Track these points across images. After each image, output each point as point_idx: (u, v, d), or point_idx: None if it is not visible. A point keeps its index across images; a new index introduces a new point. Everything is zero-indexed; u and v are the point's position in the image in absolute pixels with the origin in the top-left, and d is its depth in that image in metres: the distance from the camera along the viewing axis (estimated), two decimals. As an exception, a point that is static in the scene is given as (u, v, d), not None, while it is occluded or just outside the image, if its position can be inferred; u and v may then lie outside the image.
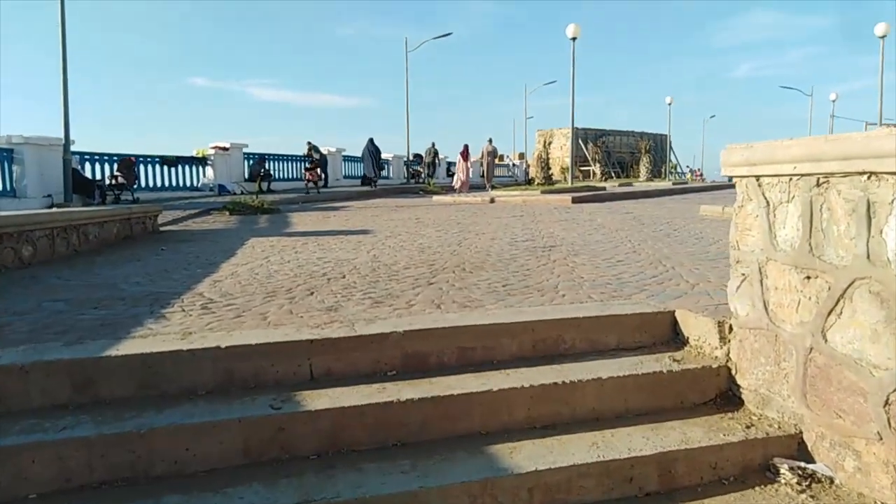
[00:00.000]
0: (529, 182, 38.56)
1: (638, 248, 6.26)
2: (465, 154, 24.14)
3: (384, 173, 31.78)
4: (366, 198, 20.81)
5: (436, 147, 34.30)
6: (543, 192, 16.26)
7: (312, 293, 4.18)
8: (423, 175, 33.39)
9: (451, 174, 37.91)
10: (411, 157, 33.24)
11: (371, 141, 26.82)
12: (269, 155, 22.28)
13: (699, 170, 60.86)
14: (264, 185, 20.05)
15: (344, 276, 4.85)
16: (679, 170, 62.49)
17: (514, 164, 46.04)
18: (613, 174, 55.11)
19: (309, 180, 20.35)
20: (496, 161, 31.56)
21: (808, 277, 2.76)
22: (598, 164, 31.92)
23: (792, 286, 2.85)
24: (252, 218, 11.84)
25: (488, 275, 4.82)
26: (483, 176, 25.47)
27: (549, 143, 18.60)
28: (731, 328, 3.22)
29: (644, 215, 10.48)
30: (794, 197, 2.85)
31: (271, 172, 21.15)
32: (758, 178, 3.05)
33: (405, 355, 3.10)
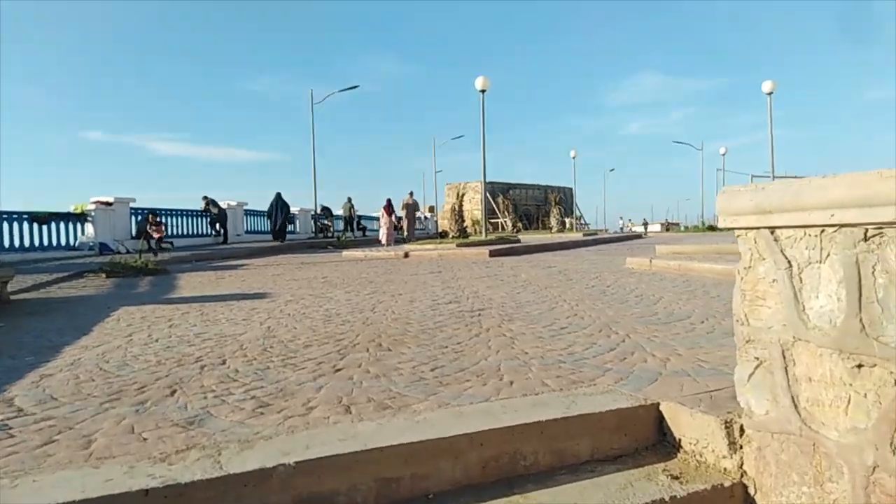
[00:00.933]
0: (441, 235, 38.20)
1: (577, 310, 5.50)
2: (389, 208, 24.46)
3: (291, 228, 30.42)
4: (270, 254, 19.42)
5: (352, 202, 33.71)
6: (459, 246, 15.57)
7: (174, 392, 3.07)
8: (332, 229, 32.31)
9: (360, 228, 37.11)
10: (319, 211, 32.07)
11: (279, 195, 25.71)
12: (162, 210, 20.51)
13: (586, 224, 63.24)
14: (154, 243, 18.25)
15: (224, 362, 3.75)
16: (583, 221, 64.70)
17: (425, 217, 45.75)
18: (521, 226, 56.07)
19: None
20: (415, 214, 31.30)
21: (861, 366, 1.99)
22: (508, 217, 31.82)
23: (835, 377, 2.08)
24: (132, 281, 10.34)
25: (412, 353, 3.87)
26: (398, 229, 24.82)
27: (463, 195, 18.14)
28: (742, 430, 2.42)
29: (569, 269, 9.90)
30: (829, 255, 2.11)
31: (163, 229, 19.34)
32: (773, 229, 2.31)
33: (299, 501, 2.07)
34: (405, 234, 25.23)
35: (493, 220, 55.77)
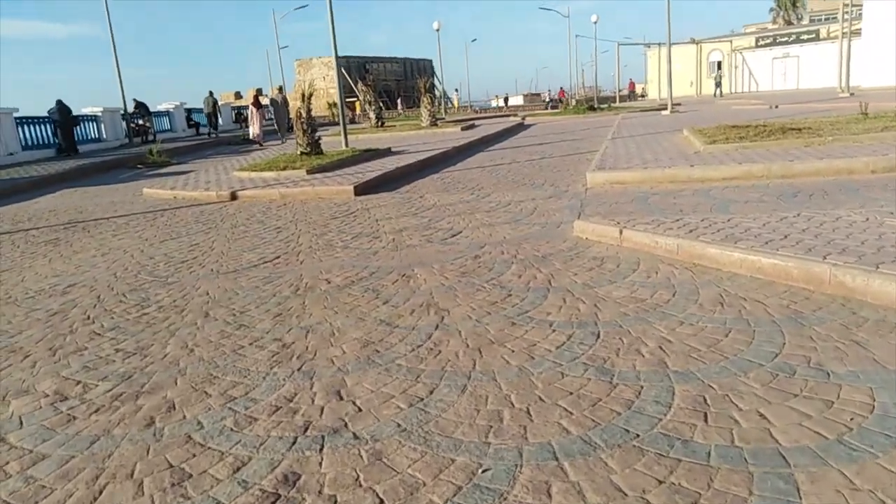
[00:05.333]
0: (291, 128, 32.71)
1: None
2: (257, 103, 23.71)
3: (95, 135, 24.16)
4: (49, 187, 14.03)
5: (214, 96, 29.20)
6: (311, 173, 11.30)
7: None
8: (151, 131, 26.19)
9: (191, 124, 31.19)
10: (133, 109, 25.61)
11: (59, 103, 19.82)
12: None
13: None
14: None
15: None
16: (447, 96, 60.34)
17: (269, 105, 39.59)
18: (382, 105, 50.68)
19: None
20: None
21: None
22: (371, 106, 27.11)
23: None
24: None
25: None
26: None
27: (311, 95, 13.46)
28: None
29: (487, 246, 6.25)
30: None
31: None
32: None
33: None
34: (278, 130, 24.37)
35: (349, 99, 50.04)
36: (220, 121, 30.13)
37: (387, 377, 3.41)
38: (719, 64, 58.88)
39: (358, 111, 42.08)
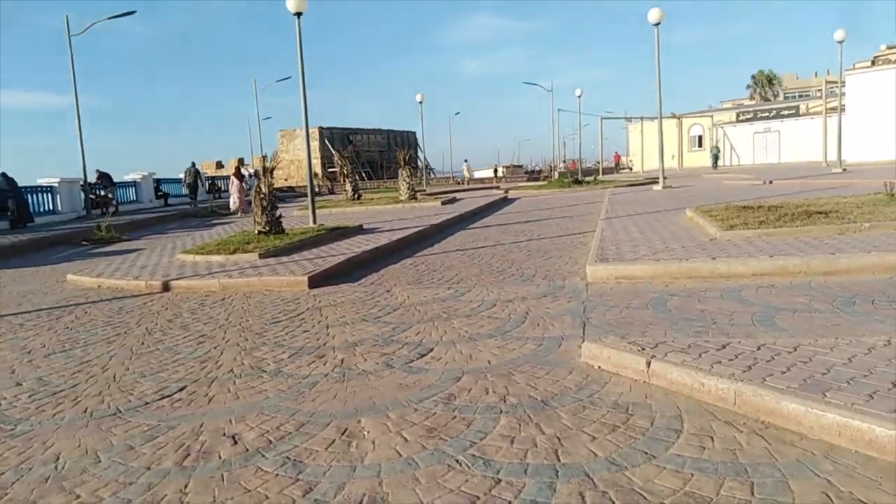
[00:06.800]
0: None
1: None
2: (238, 174, 23.39)
3: (49, 207, 22.69)
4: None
5: (196, 167, 29.37)
6: (264, 257, 9.78)
7: None
8: (113, 202, 24.76)
9: (160, 195, 29.85)
10: (94, 180, 24.22)
11: (3, 175, 18.57)
12: None
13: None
14: None
15: None
16: (430, 167, 59.96)
17: (251, 175, 38.52)
18: (364, 175, 49.78)
19: None
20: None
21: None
22: (347, 179, 25.72)
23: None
24: None
25: None
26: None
27: (273, 169, 12.18)
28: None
29: (466, 374, 4.71)
30: None
31: None
32: None
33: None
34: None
35: (331, 170, 49.16)
36: (199, 191, 29.27)
37: None
38: (700, 139, 59.32)
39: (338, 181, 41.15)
